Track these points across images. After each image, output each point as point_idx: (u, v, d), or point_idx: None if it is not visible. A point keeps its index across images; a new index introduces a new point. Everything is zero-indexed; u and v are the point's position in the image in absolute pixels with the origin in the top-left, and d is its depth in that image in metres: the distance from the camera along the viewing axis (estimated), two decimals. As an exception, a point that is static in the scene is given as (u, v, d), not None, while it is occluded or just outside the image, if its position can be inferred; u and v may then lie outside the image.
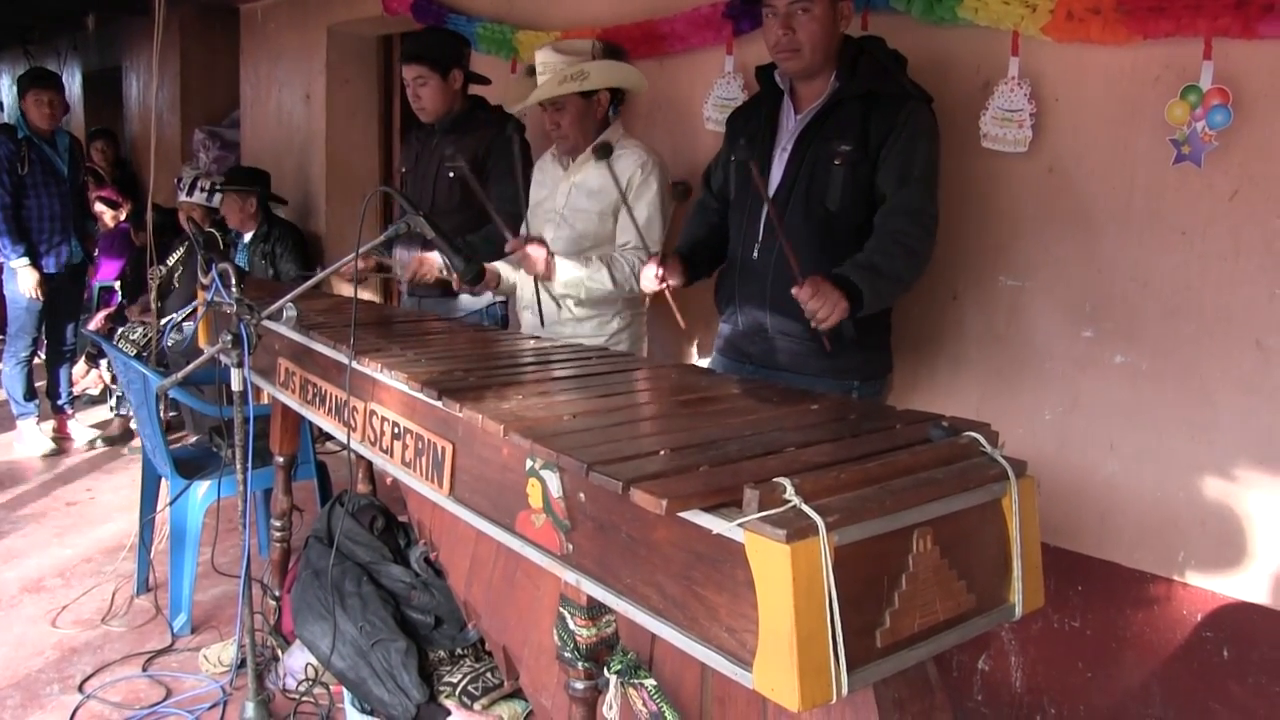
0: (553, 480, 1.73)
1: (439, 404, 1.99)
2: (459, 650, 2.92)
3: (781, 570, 1.32)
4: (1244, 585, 2.46)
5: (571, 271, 3.03)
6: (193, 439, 5.35)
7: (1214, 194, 2.43)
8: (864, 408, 2.01)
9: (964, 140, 2.78)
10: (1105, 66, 2.57)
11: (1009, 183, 2.76)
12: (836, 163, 2.53)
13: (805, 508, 1.37)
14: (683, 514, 1.42)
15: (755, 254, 2.64)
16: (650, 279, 2.67)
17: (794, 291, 2.32)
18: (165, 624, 3.37)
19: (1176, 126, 2.41)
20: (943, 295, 2.91)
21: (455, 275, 3.15)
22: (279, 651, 3.07)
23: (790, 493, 1.38)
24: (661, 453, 1.60)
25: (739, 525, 1.37)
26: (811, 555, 1.34)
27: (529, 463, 1.77)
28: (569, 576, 1.73)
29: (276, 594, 3.19)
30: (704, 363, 3.49)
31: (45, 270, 5.28)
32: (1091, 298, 2.65)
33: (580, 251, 3.17)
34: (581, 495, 1.67)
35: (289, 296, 2.51)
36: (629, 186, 3.09)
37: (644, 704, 1.80)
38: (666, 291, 2.67)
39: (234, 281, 2.52)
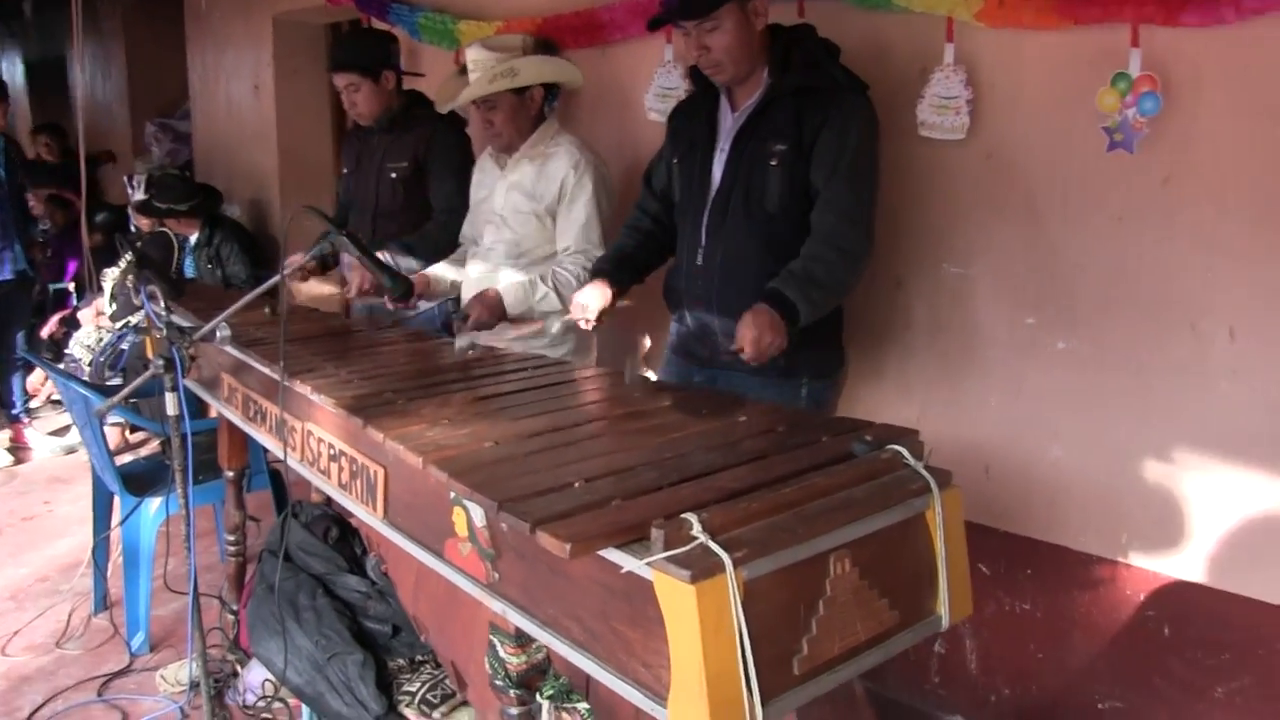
0: (475, 509, 1.72)
1: (365, 431, 1.98)
2: (418, 657, 2.91)
3: (688, 610, 1.32)
4: (1183, 564, 2.48)
5: (520, 304, 3.00)
6: (156, 442, 5.31)
7: (1147, 180, 2.42)
8: (791, 417, 2.00)
9: (903, 128, 2.75)
10: (1039, 52, 2.55)
11: (948, 170, 2.75)
12: (773, 164, 2.49)
13: (712, 544, 1.36)
14: (593, 550, 1.42)
15: (700, 259, 2.61)
16: (581, 321, 2.67)
17: (735, 347, 2.32)
18: (123, 644, 3.33)
19: (1108, 114, 2.39)
20: (887, 283, 2.89)
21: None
22: (238, 667, 3.07)
23: (697, 529, 1.38)
24: (576, 484, 1.59)
25: (646, 564, 1.36)
26: (719, 593, 1.34)
27: (453, 491, 1.75)
28: (495, 606, 1.72)
29: (234, 608, 3.17)
30: (655, 361, 3.48)
31: (-12, 280, 5.20)
32: (1033, 284, 2.64)
33: (520, 254, 3.14)
34: (504, 525, 1.65)
35: (221, 317, 2.47)
36: (563, 187, 3.06)
37: (577, 728, 1.80)
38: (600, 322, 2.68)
39: (163, 303, 2.48)
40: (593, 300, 2.66)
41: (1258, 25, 2.22)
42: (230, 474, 3.12)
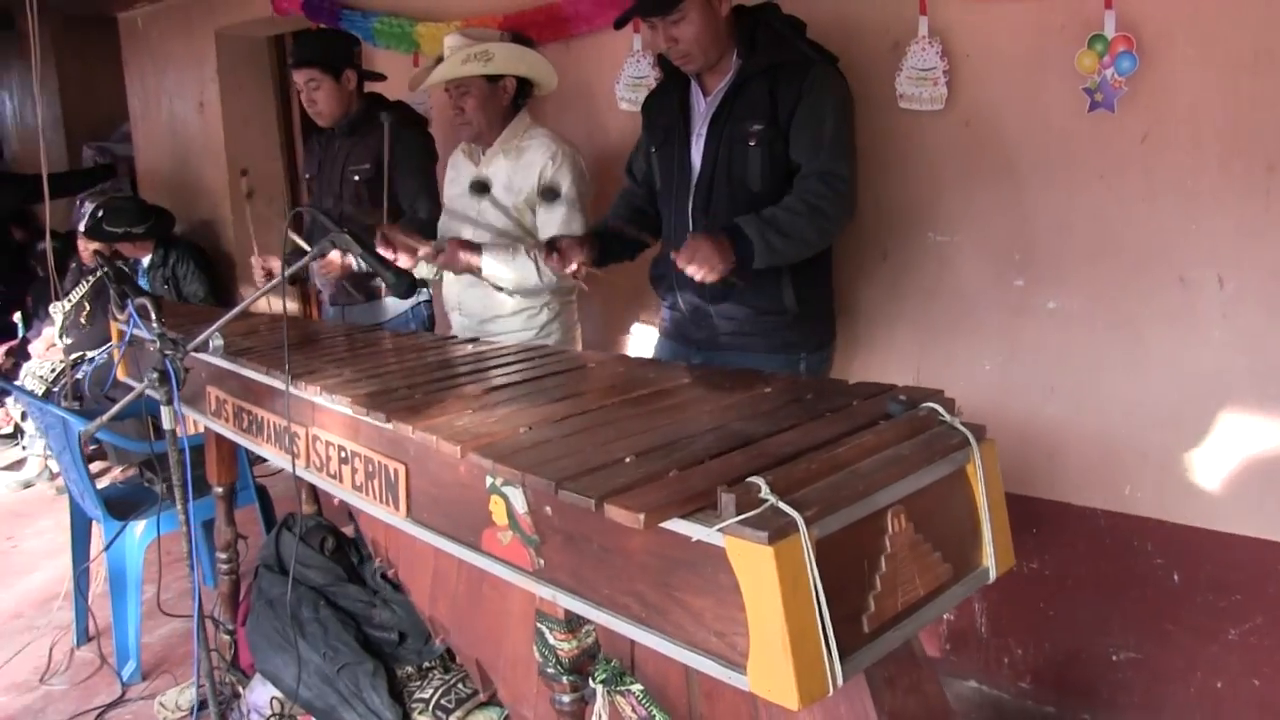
0: (516, 496, 1.69)
1: (389, 427, 1.94)
2: (426, 663, 2.87)
3: (767, 572, 1.31)
4: (1187, 511, 2.55)
5: (498, 266, 2.98)
6: (118, 469, 5.18)
7: (1126, 137, 2.48)
8: (817, 386, 2.01)
9: (880, 101, 2.79)
10: (1010, 20, 2.60)
11: (928, 140, 2.79)
12: (752, 143, 2.51)
13: (782, 505, 1.36)
14: (659, 523, 1.41)
15: None
16: (555, 265, 2.66)
17: (673, 256, 2.36)
18: (113, 674, 3.22)
19: (1087, 75, 2.45)
20: (873, 256, 2.93)
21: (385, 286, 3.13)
22: (239, 688, 2.99)
23: (766, 491, 1.37)
24: (627, 460, 1.57)
25: (718, 530, 1.36)
26: (794, 553, 1.33)
27: (489, 480, 1.73)
28: (543, 592, 1.70)
29: (231, 628, 3.10)
30: (642, 346, 3.48)
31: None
32: (1019, 247, 2.69)
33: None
34: (548, 509, 1.63)
35: (215, 326, 2.41)
36: (541, 179, 3.04)
37: (633, 710, 1.79)
38: (578, 274, 2.67)
39: (154, 315, 2.42)
40: (570, 247, 2.66)
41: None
42: (220, 490, 3.04)
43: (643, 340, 3.52)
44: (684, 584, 1.45)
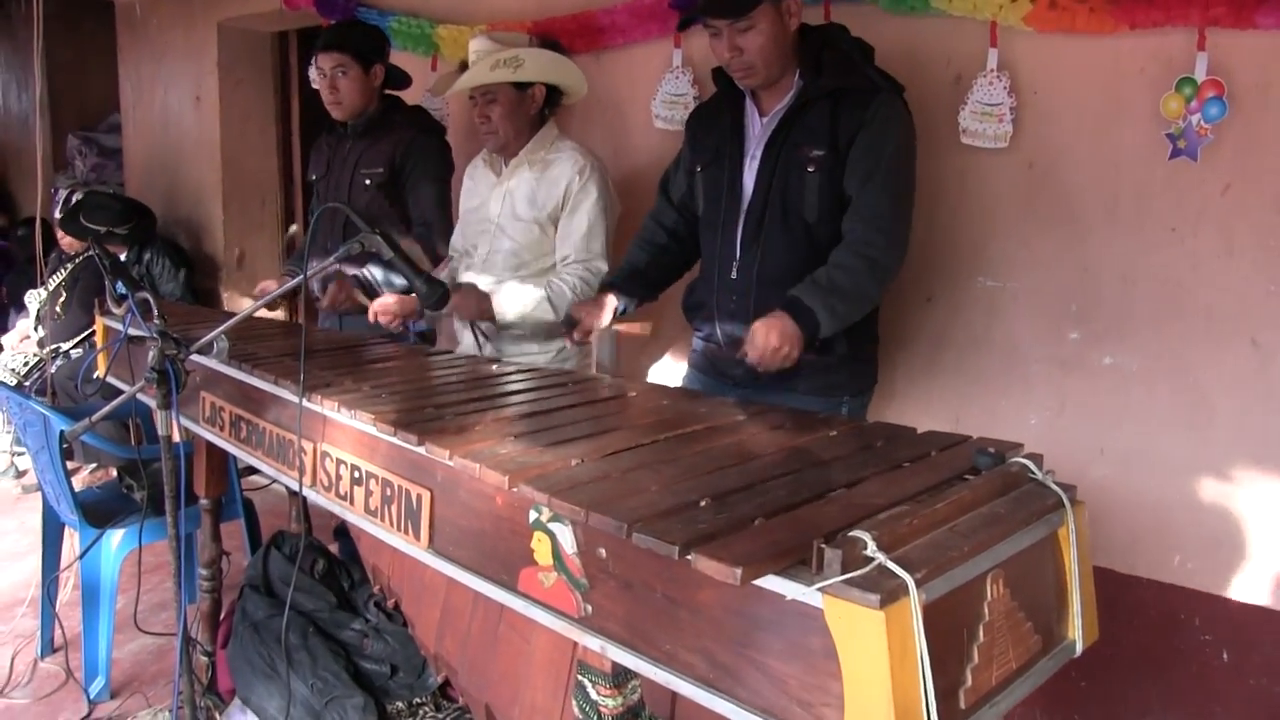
0: (564, 534, 1.53)
1: (421, 450, 1.77)
2: (418, 699, 2.70)
3: (874, 638, 1.16)
4: (1242, 587, 2.41)
5: (512, 308, 2.85)
6: (86, 470, 4.94)
7: (1205, 189, 2.36)
8: (886, 432, 1.86)
9: (939, 135, 2.66)
10: (1085, 58, 2.48)
11: (987, 179, 2.66)
12: (810, 170, 2.36)
13: (891, 565, 1.21)
14: (751, 579, 1.25)
15: (734, 273, 2.46)
16: (574, 335, 2.61)
17: (741, 355, 2.27)
18: (79, 690, 3.00)
19: (1172, 120, 2.33)
20: (917, 298, 2.79)
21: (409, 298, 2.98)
22: (216, 714, 2.79)
23: (872, 548, 1.22)
24: (702, 503, 1.41)
25: (818, 589, 1.20)
26: (904, 619, 1.19)
27: (534, 514, 1.57)
28: (591, 642, 1.53)
29: (209, 649, 2.89)
30: (661, 377, 3.33)
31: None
32: (1077, 298, 2.56)
33: (520, 265, 2.96)
34: (601, 551, 1.47)
35: (222, 328, 2.23)
36: (567, 193, 2.89)
37: (677, 775, 1.62)
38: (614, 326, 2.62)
39: (155, 313, 2.23)
40: (589, 315, 2.60)
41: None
42: (206, 502, 2.84)
43: (662, 372, 3.36)
44: (764, 645, 1.29)
